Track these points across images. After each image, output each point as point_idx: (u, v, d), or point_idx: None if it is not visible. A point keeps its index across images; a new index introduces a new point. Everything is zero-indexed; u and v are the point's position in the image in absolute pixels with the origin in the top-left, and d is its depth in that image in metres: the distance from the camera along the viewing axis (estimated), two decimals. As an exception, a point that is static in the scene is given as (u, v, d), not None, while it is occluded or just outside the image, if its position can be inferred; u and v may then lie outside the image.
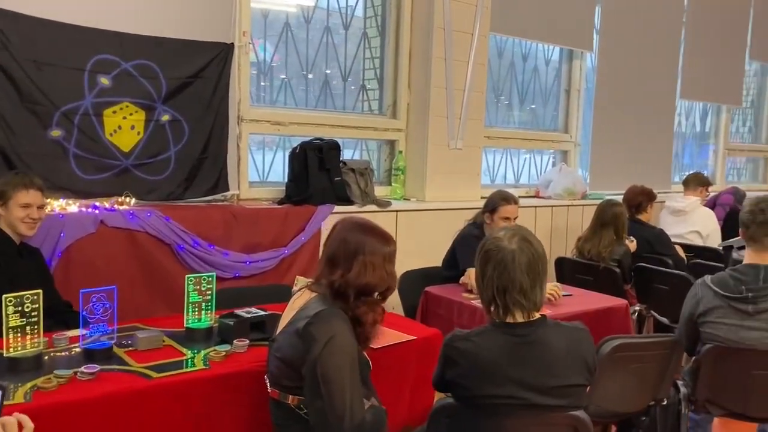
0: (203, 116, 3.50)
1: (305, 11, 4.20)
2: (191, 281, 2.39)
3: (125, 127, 3.28)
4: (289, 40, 4.13)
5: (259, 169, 4.09)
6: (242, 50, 3.70)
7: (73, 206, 3.09)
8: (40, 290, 2.04)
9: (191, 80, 3.45)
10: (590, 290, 3.59)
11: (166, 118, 3.39)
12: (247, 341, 2.25)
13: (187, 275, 2.41)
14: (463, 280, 3.35)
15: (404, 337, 2.44)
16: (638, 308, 4.06)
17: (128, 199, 3.25)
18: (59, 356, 2.12)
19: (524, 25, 5.07)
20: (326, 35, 4.29)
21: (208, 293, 2.43)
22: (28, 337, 2.01)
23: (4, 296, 1.96)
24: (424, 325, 2.87)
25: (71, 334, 2.24)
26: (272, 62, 4.12)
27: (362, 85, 4.54)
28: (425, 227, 4.19)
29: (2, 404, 1.34)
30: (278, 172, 4.13)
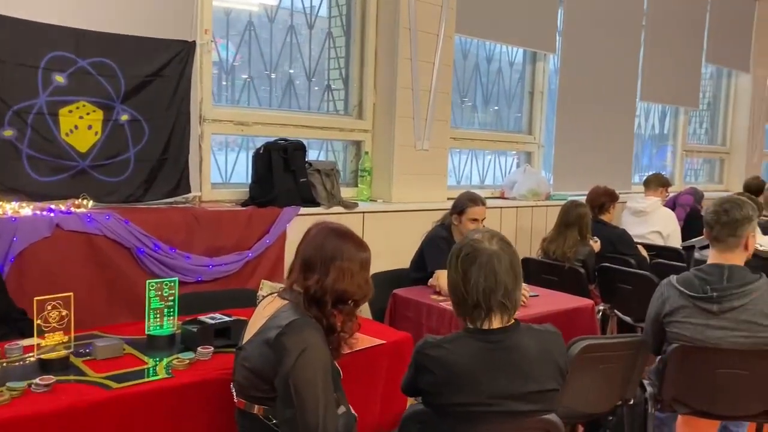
0: (164, 116, 3.41)
1: (269, 10, 4.13)
2: (152, 286, 2.32)
3: (82, 126, 3.18)
4: (252, 39, 4.06)
5: (221, 170, 4.01)
6: (204, 48, 3.62)
7: (26, 209, 2.98)
8: (-9, 298, 1.95)
9: (151, 79, 3.36)
10: (555, 290, 3.62)
11: (125, 117, 3.30)
12: (211, 348, 2.19)
13: (148, 280, 2.35)
14: (431, 281, 3.33)
15: (374, 341, 2.41)
16: (602, 308, 4.11)
17: (85, 201, 3.15)
18: (12, 367, 2.02)
19: (489, 26, 5.10)
20: (290, 35, 4.23)
21: (170, 299, 2.37)
22: (-22, 347, 1.91)
23: (-49, 305, 1.86)
24: (393, 328, 2.85)
25: (25, 343, 2.15)
26: (234, 62, 4.04)
27: (327, 85, 4.49)
28: (392, 229, 4.17)
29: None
30: (241, 173, 4.06)
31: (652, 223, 5.14)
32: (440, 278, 3.22)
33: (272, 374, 1.77)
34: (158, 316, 2.33)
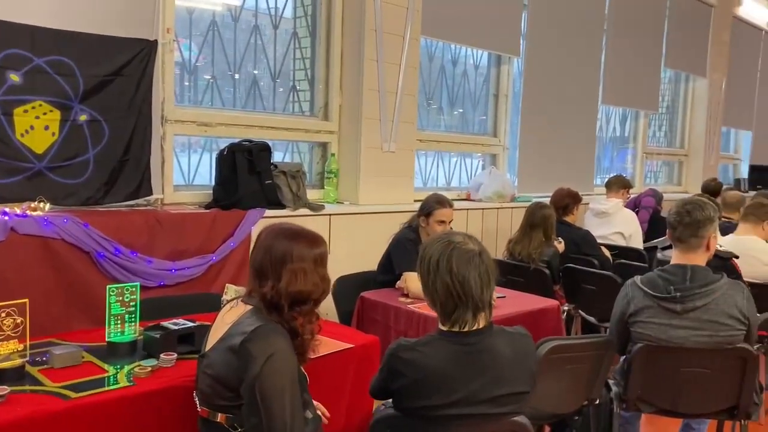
0: (125, 116, 3.33)
1: (232, 10, 4.07)
2: (113, 291, 2.26)
3: (38, 127, 3.08)
4: (215, 39, 3.99)
5: (184, 172, 3.93)
6: (166, 48, 3.54)
7: (-21, 212, 2.87)
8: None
9: (111, 78, 3.26)
10: (521, 291, 3.64)
11: (83, 118, 3.20)
12: (174, 355, 2.14)
13: (108, 285, 2.28)
14: (399, 284, 3.32)
15: (341, 345, 2.38)
16: (567, 308, 4.16)
17: (42, 204, 3.05)
18: (-37, 378, 1.93)
19: (454, 29, 5.12)
20: (254, 35, 4.17)
21: (131, 304, 2.30)
22: (-74, 358, 1.83)
23: None
24: (360, 331, 2.82)
25: (-23, 352, 2.06)
26: (197, 62, 3.96)
27: (292, 86, 4.44)
28: (359, 231, 4.15)
29: None
30: (205, 175, 3.98)
31: (614, 224, 5.23)
32: (408, 280, 3.20)
33: (237, 382, 1.73)
34: (119, 322, 2.26)
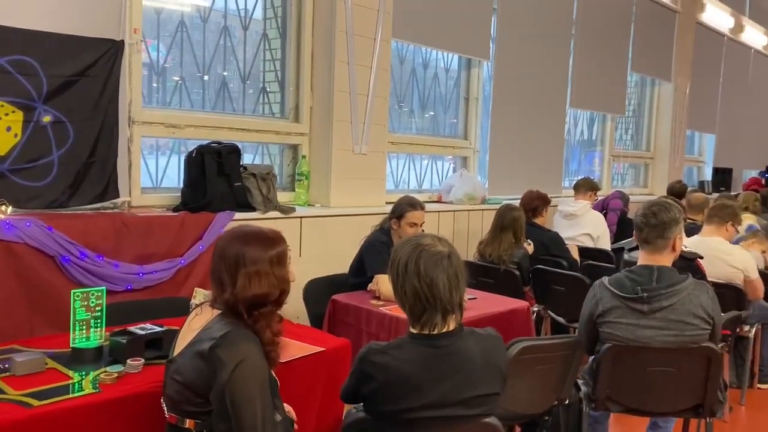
0: (90, 117, 3.26)
1: (201, 11, 4.02)
2: (78, 296, 2.22)
3: (0, 128, 3.00)
4: (184, 40, 3.94)
5: (152, 174, 3.87)
6: (133, 48, 3.48)
7: (-63, 216, 2.79)
8: None
9: (76, 79, 3.19)
10: (491, 292, 3.66)
11: (47, 119, 3.13)
12: (142, 360, 2.11)
13: (73, 290, 2.24)
14: (371, 286, 3.31)
15: (313, 348, 2.36)
16: (537, 309, 4.20)
17: (4, 207, 2.97)
18: None
19: (425, 32, 5.14)
20: (223, 36, 4.13)
21: (97, 309, 2.26)
22: None
23: None
24: (332, 335, 2.80)
25: (-65, 360, 2.00)
26: (165, 63, 3.91)
27: (262, 87, 4.41)
28: (330, 234, 4.13)
29: None
30: (173, 177, 3.92)
31: (582, 225, 5.30)
32: (380, 283, 3.20)
33: (206, 388, 1.71)
34: (84, 327, 2.22)
